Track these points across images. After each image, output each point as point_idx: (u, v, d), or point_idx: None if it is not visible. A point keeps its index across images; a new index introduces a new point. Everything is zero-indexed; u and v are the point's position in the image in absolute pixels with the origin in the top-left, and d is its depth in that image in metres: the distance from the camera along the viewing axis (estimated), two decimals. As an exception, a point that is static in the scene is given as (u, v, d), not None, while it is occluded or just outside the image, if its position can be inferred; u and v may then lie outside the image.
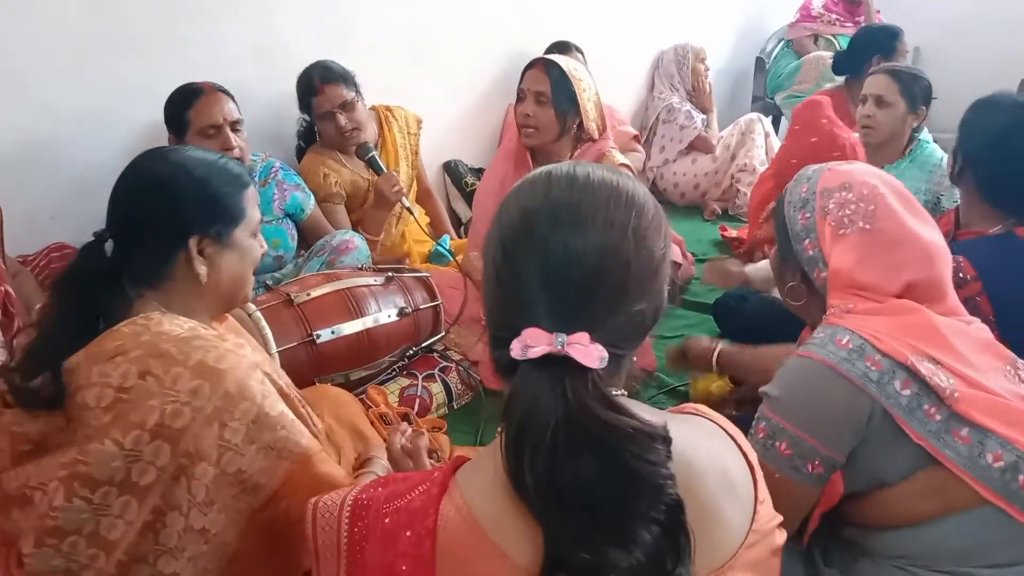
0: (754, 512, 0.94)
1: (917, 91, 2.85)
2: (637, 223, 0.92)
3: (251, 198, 1.43)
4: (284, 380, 1.40)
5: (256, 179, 2.69)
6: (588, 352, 0.85)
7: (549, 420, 0.82)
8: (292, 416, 1.32)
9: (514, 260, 0.91)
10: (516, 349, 0.85)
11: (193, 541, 1.22)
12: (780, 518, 0.98)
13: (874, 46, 3.67)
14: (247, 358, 1.29)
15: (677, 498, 0.83)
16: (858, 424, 1.33)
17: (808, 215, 1.51)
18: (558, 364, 0.85)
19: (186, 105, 2.46)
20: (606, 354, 0.86)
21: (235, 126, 2.49)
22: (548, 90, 2.59)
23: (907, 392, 1.32)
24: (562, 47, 3.72)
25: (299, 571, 1.32)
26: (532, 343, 0.85)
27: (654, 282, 0.94)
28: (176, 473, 1.20)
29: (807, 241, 1.51)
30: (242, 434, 1.23)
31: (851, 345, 1.34)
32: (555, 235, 0.89)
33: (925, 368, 1.31)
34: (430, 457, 1.52)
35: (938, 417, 1.31)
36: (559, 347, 0.85)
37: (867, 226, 1.43)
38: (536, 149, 2.72)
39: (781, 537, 0.97)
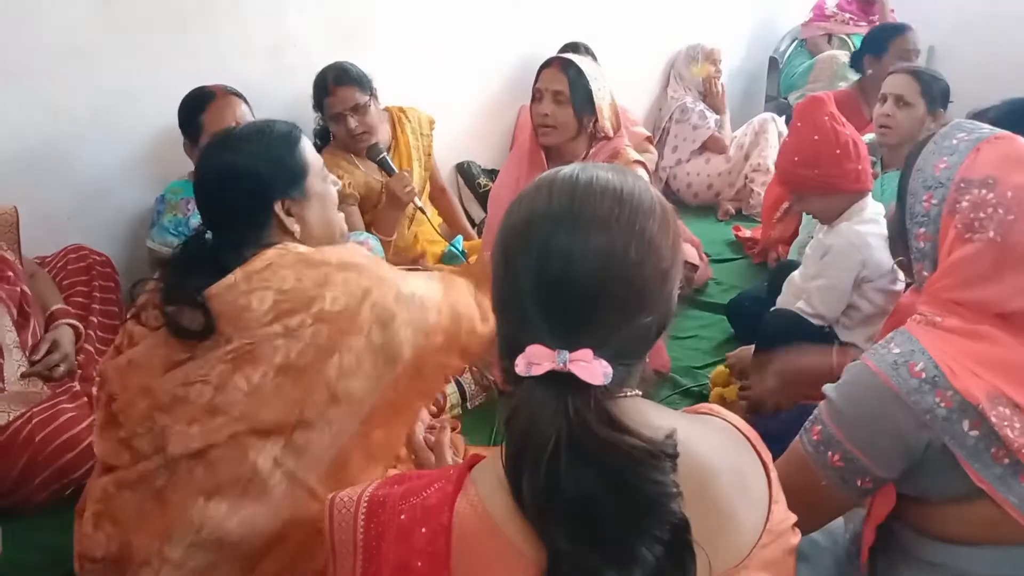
0: (768, 512, 0.94)
1: (936, 93, 2.80)
2: (643, 230, 0.90)
3: (307, 148, 1.55)
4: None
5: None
6: (591, 369, 0.84)
7: (549, 437, 0.82)
8: (419, 300, 1.46)
9: (514, 272, 0.90)
10: (520, 365, 0.85)
11: (333, 406, 1.35)
12: (794, 518, 0.98)
13: (866, 46, 3.69)
14: (373, 259, 1.48)
15: (682, 517, 0.82)
16: (914, 451, 1.25)
17: (935, 203, 1.33)
18: (561, 381, 0.84)
19: (199, 109, 2.47)
20: (611, 370, 0.85)
21: None
22: (566, 89, 2.60)
23: (975, 433, 1.20)
24: (573, 48, 3.72)
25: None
26: (535, 360, 0.85)
27: (662, 290, 0.92)
28: (331, 348, 1.35)
29: (922, 230, 1.35)
30: (387, 311, 1.39)
31: (924, 375, 1.22)
32: (554, 246, 0.88)
33: (997, 414, 1.19)
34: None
35: (1006, 461, 1.21)
36: (561, 365, 0.84)
37: (998, 238, 1.25)
38: (552, 148, 2.72)
39: (795, 537, 0.97)
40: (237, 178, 1.46)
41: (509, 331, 0.92)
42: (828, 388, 1.33)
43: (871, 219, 2.30)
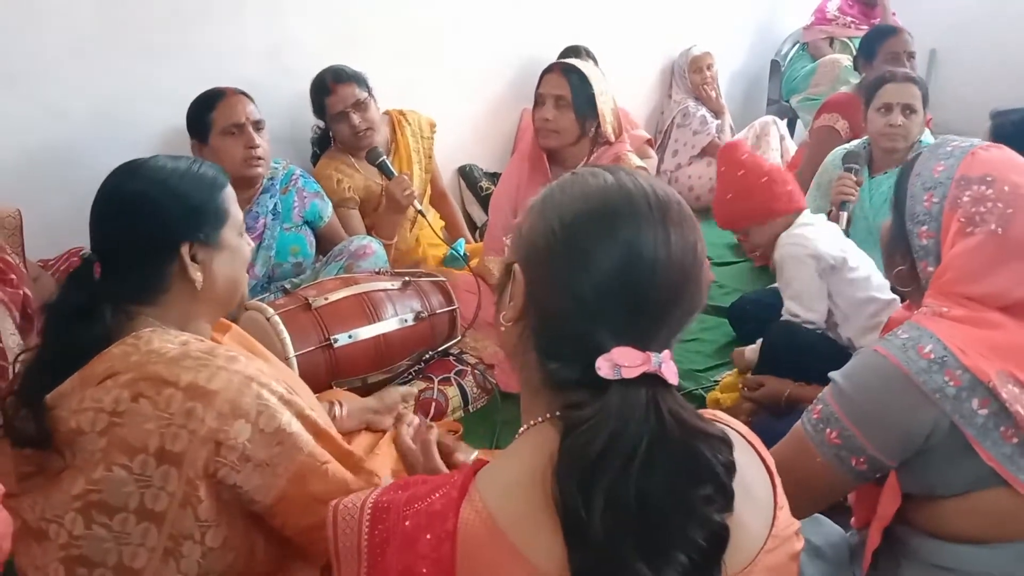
0: (773, 517, 0.94)
1: (927, 96, 2.84)
2: (698, 237, 0.93)
3: (230, 197, 1.41)
4: (289, 385, 1.35)
5: (277, 187, 2.71)
6: (672, 369, 0.86)
7: (641, 438, 0.82)
8: (290, 429, 1.26)
9: (592, 268, 0.88)
10: (604, 368, 0.84)
11: (217, 558, 1.23)
12: (798, 524, 0.98)
13: (860, 50, 3.71)
14: (240, 373, 1.24)
15: (723, 523, 0.83)
16: (916, 436, 1.27)
17: (936, 200, 1.37)
18: (650, 382, 0.84)
19: (209, 107, 2.49)
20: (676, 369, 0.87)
21: (257, 126, 2.53)
22: (568, 94, 2.61)
23: (984, 412, 1.23)
24: (575, 52, 3.73)
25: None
26: (625, 362, 0.84)
27: (706, 294, 0.95)
28: (183, 500, 1.19)
29: (924, 228, 1.38)
30: (238, 452, 1.20)
31: (933, 355, 1.25)
32: (643, 245, 0.87)
33: (1007, 392, 1.21)
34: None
35: (1015, 440, 1.23)
36: (656, 367, 0.84)
37: (999, 229, 1.29)
38: (554, 153, 2.73)
39: (799, 543, 0.97)
40: (146, 208, 1.31)
41: (570, 328, 0.89)
42: (834, 373, 1.36)
43: (803, 223, 2.41)
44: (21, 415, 1.22)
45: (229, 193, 1.40)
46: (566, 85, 2.63)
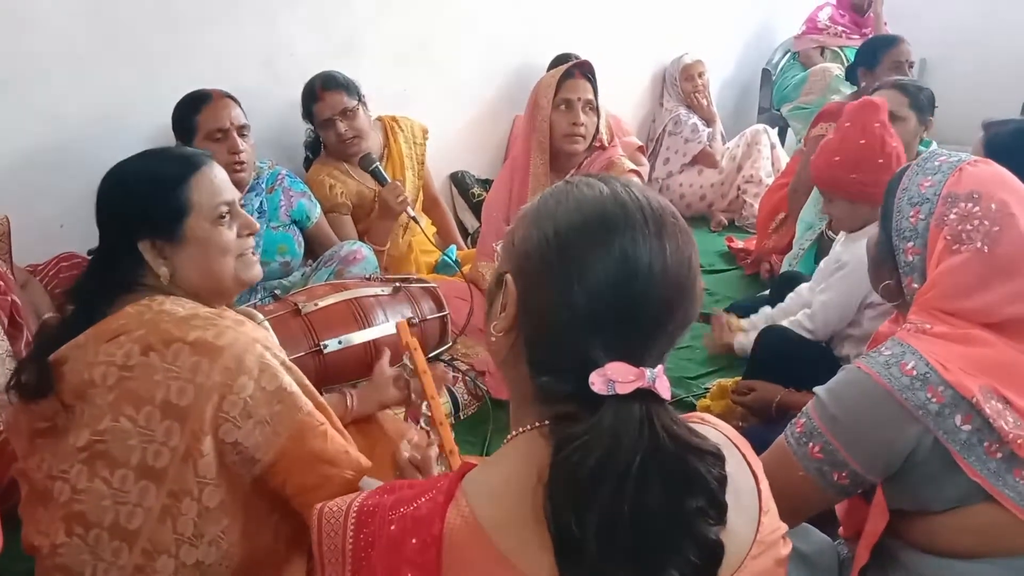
0: (758, 523, 0.93)
1: (924, 103, 2.81)
2: (693, 250, 0.91)
3: (199, 185, 1.36)
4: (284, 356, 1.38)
5: (263, 186, 2.71)
6: (666, 384, 0.85)
7: (636, 453, 0.81)
8: (291, 389, 1.29)
9: (584, 278, 0.86)
10: (598, 383, 0.83)
11: (212, 520, 1.25)
12: (785, 528, 0.98)
13: (860, 58, 3.71)
14: (246, 334, 1.29)
15: (717, 539, 0.82)
16: (899, 453, 1.27)
17: (922, 217, 1.37)
18: (643, 398, 0.83)
19: (194, 110, 2.49)
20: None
21: (242, 131, 2.53)
22: (594, 97, 2.63)
23: (967, 427, 1.23)
24: (565, 60, 3.74)
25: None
26: (619, 378, 0.83)
27: (700, 307, 0.93)
28: (186, 454, 1.23)
29: (911, 244, 1.39)
30: (240, 407, 1.24)
31: (915, 372, 1.26)
32: (640, 257, 0.86)
33: (991, 407, 1.22)
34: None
35: (999, 455, 1.23)
36: (651, 382, 0.83)
37: (985, 248, 1.30)
38: (554, 157, 2.73)
39: (786, 548, 0.97)
40: (109, 204, 1.37)
41: (570, 342, 0.87)
42: (819, 388, 1.36)
43: None
44: (26, 367, 1.29)
45: (196, 183, 1.36)
46: (591, 88, 2.65)
